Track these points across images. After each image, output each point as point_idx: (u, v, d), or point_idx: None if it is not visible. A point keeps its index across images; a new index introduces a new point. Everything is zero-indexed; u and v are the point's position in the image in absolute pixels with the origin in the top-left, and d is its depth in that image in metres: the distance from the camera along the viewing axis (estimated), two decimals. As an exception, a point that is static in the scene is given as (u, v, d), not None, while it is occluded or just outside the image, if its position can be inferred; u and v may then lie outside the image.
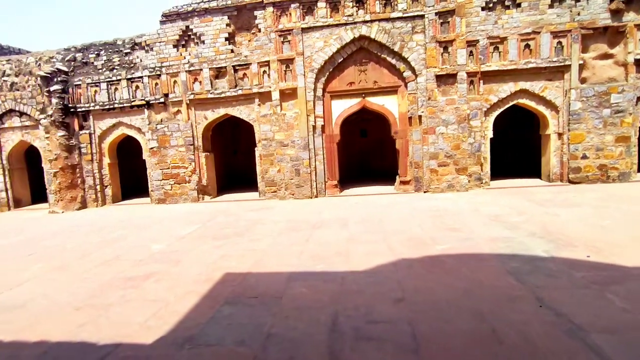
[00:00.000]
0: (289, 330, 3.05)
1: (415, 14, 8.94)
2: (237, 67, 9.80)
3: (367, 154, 13.30)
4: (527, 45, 8.86)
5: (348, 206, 8.28)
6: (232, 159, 13.54)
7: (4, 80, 10.83)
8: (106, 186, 11.04)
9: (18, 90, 10.84)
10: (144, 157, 10.63)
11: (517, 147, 11.98)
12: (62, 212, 10.36)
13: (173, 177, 10.37)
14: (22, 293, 4.37)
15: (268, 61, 9.59)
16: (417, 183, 9.47)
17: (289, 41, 9.45)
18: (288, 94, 9.60)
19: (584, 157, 8.97)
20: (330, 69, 9.51)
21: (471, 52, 8.99)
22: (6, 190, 11.51)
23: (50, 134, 10.40)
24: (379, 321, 3.09)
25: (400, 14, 8.99)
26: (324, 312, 3.30)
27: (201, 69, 9.91)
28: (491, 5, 8.92)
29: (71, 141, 10.64)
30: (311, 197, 9.68)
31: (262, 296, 3.75)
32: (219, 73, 9.93)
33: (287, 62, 9.50)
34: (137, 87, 10.33)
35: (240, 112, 10.01)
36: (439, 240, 5.18)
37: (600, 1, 8.50)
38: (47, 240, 7.07)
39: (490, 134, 9.24)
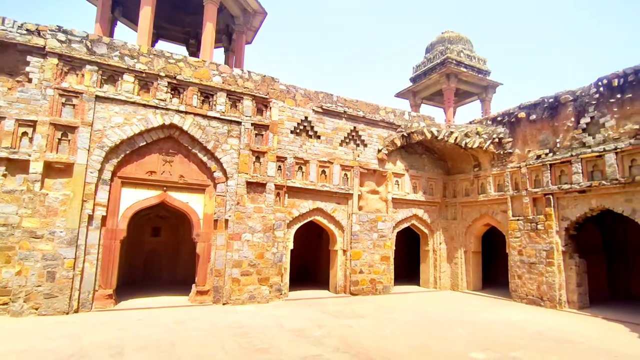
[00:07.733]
0: None
1: (233, 118, 9.10)
2: (-24, 118, 6.85)
3: (158, 256, 11.40)
4: (324, 171, 10.34)
5: (126, 325, 6.46)
6: None
7: None
8: None
9: None
10: None
11: (308, 259, 12.98)
12: None
13: None
14: None
15: (35, 121, 7.23)
16: (217, 293, 8.43)
17: (73, 105, 7.58)
18: (58, 169, 7.30)
19: (361, 272, 10.49)
20: (128, 151, 8.04)
21: (280, 166, 9.66)
22: None
23: None
24: None
25: (217, 115, 8.93)
26: None
27: None
28: (298, 131, 10.18)
29: None
30: (68, 313, 7.00)
31: None
32: (-64, 118, 6.62)
33: (66, 129, 7.47)
34: None
35: (-36, 180, 6.71)
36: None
37: (372, 150, 11.16)
38: None
39: (291, 245, 9.65)
